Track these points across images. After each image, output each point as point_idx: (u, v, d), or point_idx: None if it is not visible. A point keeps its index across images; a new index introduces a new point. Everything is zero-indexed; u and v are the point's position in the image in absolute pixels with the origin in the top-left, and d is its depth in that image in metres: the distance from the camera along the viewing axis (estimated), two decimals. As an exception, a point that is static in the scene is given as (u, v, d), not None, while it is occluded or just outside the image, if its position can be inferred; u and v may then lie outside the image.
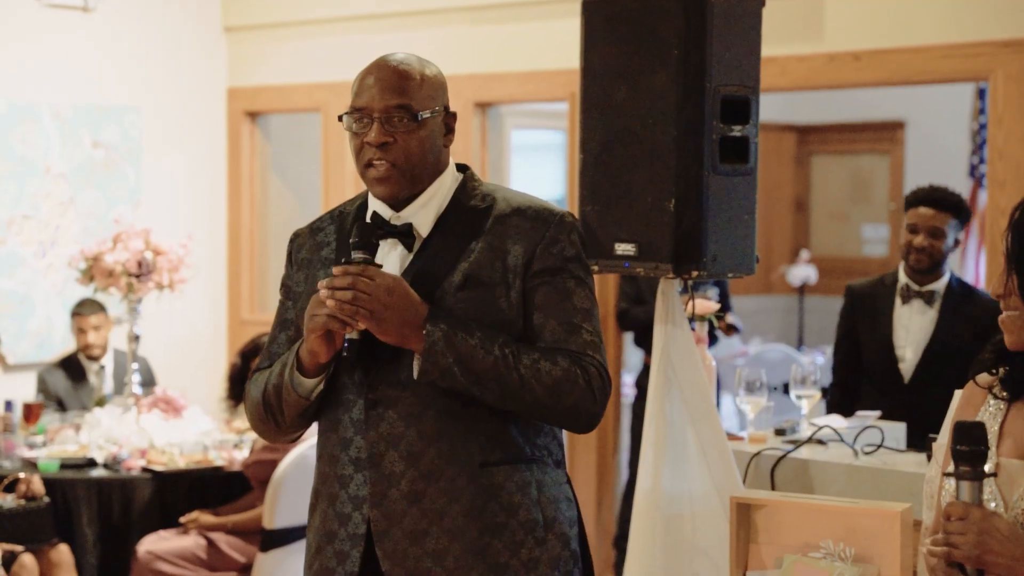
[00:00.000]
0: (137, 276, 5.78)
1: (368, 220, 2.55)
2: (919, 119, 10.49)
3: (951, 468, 2.19)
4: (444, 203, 2.57)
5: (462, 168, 2.64)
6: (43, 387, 6.42)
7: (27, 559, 5.11)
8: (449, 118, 2.59)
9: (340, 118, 2.55)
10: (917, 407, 4.28)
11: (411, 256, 2.54)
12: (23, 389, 6.69)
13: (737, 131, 3.45)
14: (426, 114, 2.51)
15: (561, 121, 7.49)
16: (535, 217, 2.53)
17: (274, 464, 5.10)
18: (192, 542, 5.24)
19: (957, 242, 4.79)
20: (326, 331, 2.42)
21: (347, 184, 7.62)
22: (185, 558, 5.21)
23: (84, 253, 5.86)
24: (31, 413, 5.85)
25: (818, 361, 8.79)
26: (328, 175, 7.69)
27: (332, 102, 7.62)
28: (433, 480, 2.47)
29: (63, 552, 5.22)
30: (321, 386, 2.52)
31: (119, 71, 7.57)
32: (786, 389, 8.60)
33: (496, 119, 7.29)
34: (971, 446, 2.16)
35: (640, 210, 3.43)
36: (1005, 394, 2.31)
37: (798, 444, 3.90)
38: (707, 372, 3.63)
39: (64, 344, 6.96)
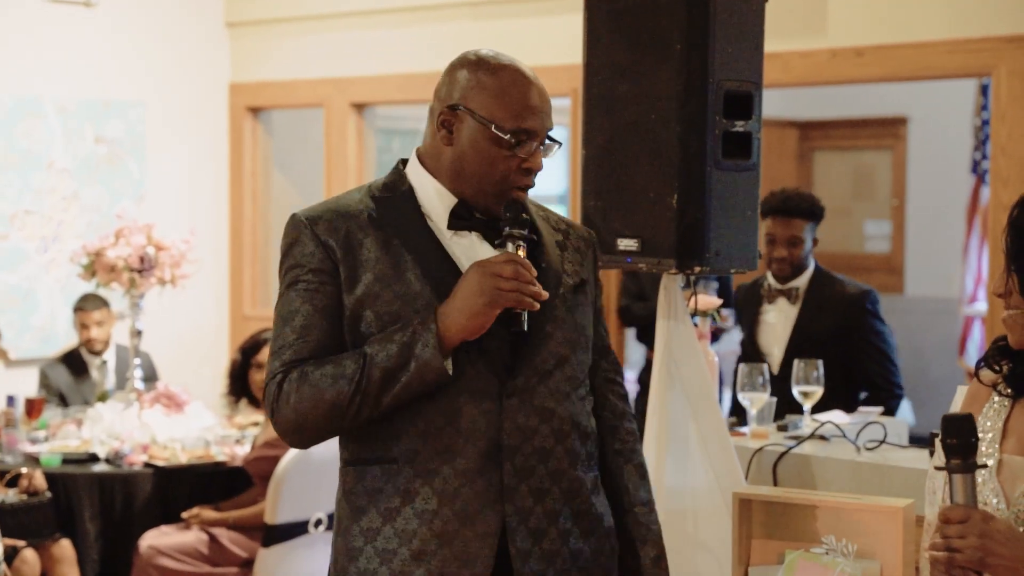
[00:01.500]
0: (139, 271, 5.78)
1: (451, 210, 2.47)
2: (922, 115, 10.48)
3: (942, 462, 2.19)
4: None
5: None
6: (45, 382, 6.42)
7: (29, 554, 5.11)
8: None
9: (501, 132, 2.42)
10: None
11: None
12: (25, 384, 6.70)
13: (740, 126, 3.44)
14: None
15: (563, 117, 7.49)
16: (583, 238, 2.63)
17: (276, 460, 5.10)
18: (194, 537, 5.24)
19: (815, 241, 4.96)
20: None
21: (349, 179, 7.62)
22: (187, 553, 5.21)
23: (86, 248, 5.86)
24: (33, 408, 5.85)
25: (820, 357, 8.77)
26: (330, 170, 7.69)
27: (334, 97, 7.62)
28: (556, 480, 2.44)
29: (65, 547, 5.22)
30: (450, 364, 2.36)
31: (122, 66, 7.57)
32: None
33: (498, 114, 7.28)
34: (960, 439, 2.16)
35: (643, 205, 3.43)
36: (1009, 391, 2.30)
37: (800, 440, 3.90)
38: (709, 368, 3.63)
39: (67, 339, 6.97)
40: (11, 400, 5.88)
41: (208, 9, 7.93)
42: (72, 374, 6.42)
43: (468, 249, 2.46)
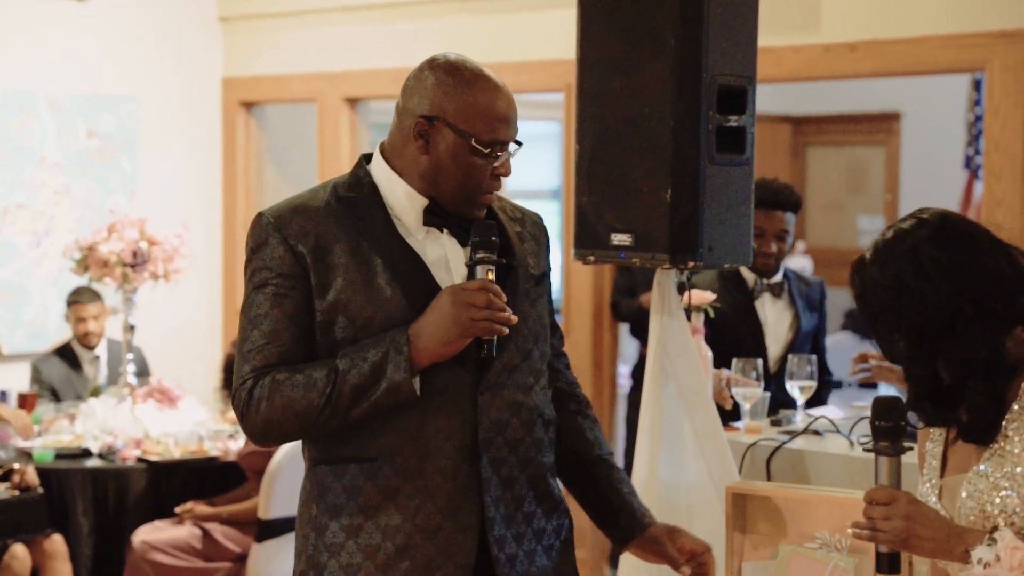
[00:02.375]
0: (132, 266, 5.77)
1: (424, 208, 2.50)
2: (915, 110, 10.49)
3: (871, 443, 2.26)
4: None
5: None
6: (37, 376, 6.40)
7: (19, 549, 5.10)
8: None
9: (480, 144, 2.45)
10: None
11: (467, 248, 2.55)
12: (17, 379, 6.68)
13: (733, 121, 3.44)
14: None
15: (557, 111, 7.49)
16: (536, 224, 2.69)
17: (269, 455, 5.10)
18: (187, 532, 5.24)
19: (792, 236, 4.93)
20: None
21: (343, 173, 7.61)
22: (180, 548, 5.20)
23: (79, 243, 5.85)
24: (26, 403, 5.84)
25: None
26: (323, 165, 7.68)
27: (327, 92, 7.61)
28: (524, 468, 2.53)
29: (57, 542, 5.21)
30: (417, 383, 2.42)
31: (115, 61, 7.55)
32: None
33: (491, 109, 7.28)
34: (890, 421, 2.22)
35: (636, 200, 3.42)
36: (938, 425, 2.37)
37: (794, 435, 3.90)
38: (703, 363, 3.63)
39: (59, 334, 6.95)
40: (3, 395, 5.88)
41: (201, 3, 7.92)
42: (64, 368, 6.40)
43: (438, 250, 2.50)
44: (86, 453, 5.49)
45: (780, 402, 4.31)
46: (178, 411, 5.82)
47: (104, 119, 7.46)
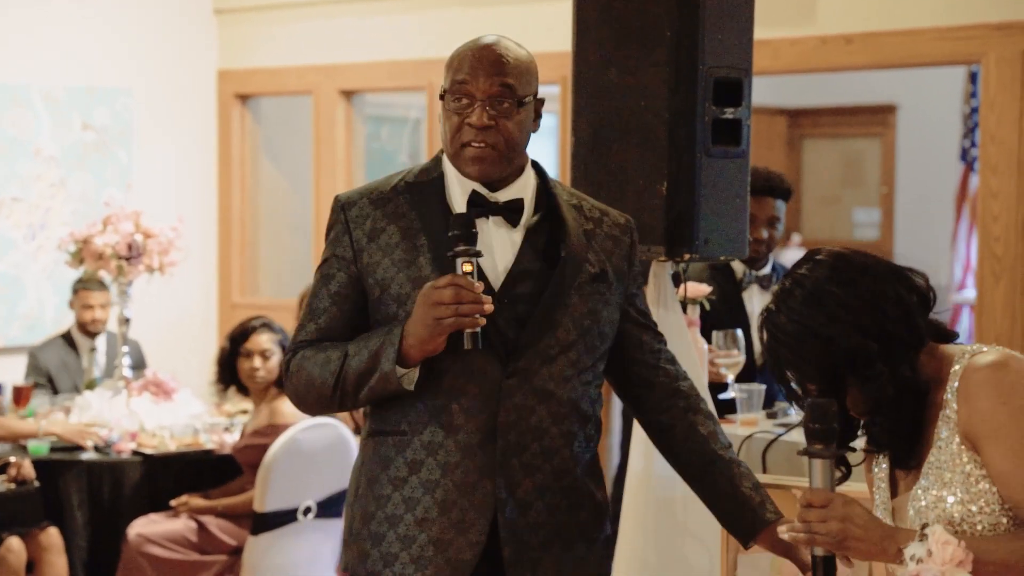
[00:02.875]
0: (127, 259, 5.76)
1: (468, 198, 2.56)
2: (911, 102, 10.49)
3: (804, 447, 2.27)
4: (533, 189, 2.62)
5: (532, 161, 2.69)
6: (34, 363, 6.39)
7: (14, 542, 5.09)
8: (539, 104, 2.63)
9: (441, 96, 2.55)
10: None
11: (520, 234, 2.57)
12: (13, 372, 6.67)
13: (729, 113, 3.44)
14: (528, 99, 2.55)
15: (553, 104, 7.47)
16: (617, 224, 2.69)
17: (264, 448, 5.09)
18: (182, 525, 5.23)
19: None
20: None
21: (338, 166, 7.60)
22: (175, 541, 5.20)
23: (74, 236, 5.84)
24: (21, 396, 5.83)
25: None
26: (319, 158, 7.67)
27: (323, 85, 7.60)
28: (548, 458, 2.54)
29: (53, 535, 5.21)
30: (416, 375, 2.49)
31: (110, 53, 7.54)
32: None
33: (487, 102, 7.27)
34: (823, 424, 2.23)
35: (632, 193, 3.42)
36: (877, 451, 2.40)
37: (789, 427, 3.90)
38: (698, 355, 3.63)
39: (54, 327, 6.94)
40: (-1, 388, 5.87)
41: (196, -4, 7.91)
42: (62, 356, 6.40)
43: (482, 236, 2.53)
44: (81, 446, 5.48)
45: (773, 393, 4.31)
46: (173, 404, 5.81)
47: (99, 112, 7.45)
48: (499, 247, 2.56)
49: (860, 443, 2.43)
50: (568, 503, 2.58)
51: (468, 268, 2.43)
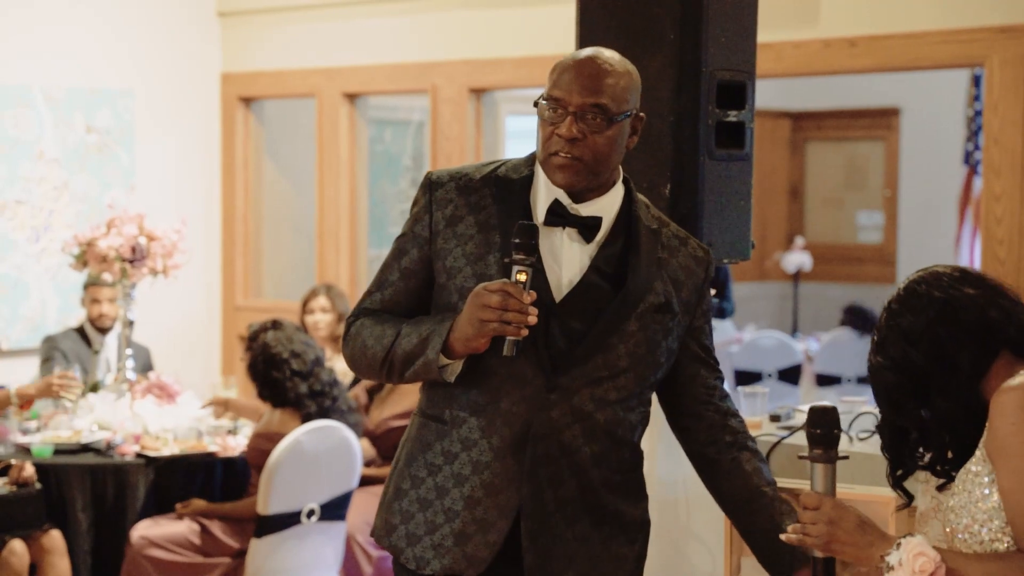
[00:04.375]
0: (131, 261, 5.76)
1: (548, 206, 2.56)
2: (914, 105, 10.49)
3: (806, 452, 2.34)
4: (617, 207, 2.61)
5: (623, 178, 2.68)
6: (52, 345, 6.39)
7: (17, 545, 5.09)
8: (637, 121, 2.62)
9: (536, 104, 2.57)
10: None
11: (592, 250, 2.57)
12: (16, 374, 6.68)
13: (733, 116, 3.44)
14: (620, 117, 2.55)
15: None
16: (695, 255, 2.68)
17: (268, 453, 5.09)
18: (186, 527, 5.23)
19: None
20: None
21: (341, 168, 7.60)
22: (179, 543, 5.20)
23: (78, 238, 5.84)
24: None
25: (812, 348, 8.79)
26: (322, 160, 7.67)
27: (326, 87, 7.60)
28: (576, 474, 2.56)
29: (55, 538, 5.21)
30: (459, 367, 2.54)
31: (113, 55, 7.54)
32: (781, 375, 8.65)
33: (491, 105, 7.28)
34: (824, 429, 2.30)
35: (635, 195, 3.42)
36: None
37: (793, 430, 3.89)
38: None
39: (58, 329, 6.94)
40: (1, 390, 5.86)
41: (199, -2, 7.91)
42: (77, 344, 6.42)
43: (554, 244, 2.57)
44: (85, 448, 5.48)
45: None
46: (177, 407, 5.82)
47: (102, 113, 7.45)
48: (568, 259, 2.57)
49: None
50: (591, 520, 2.59)
51: (522, 277, 2.44)
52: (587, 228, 2.57)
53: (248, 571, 5.12)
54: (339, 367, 5.91)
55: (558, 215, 2.56)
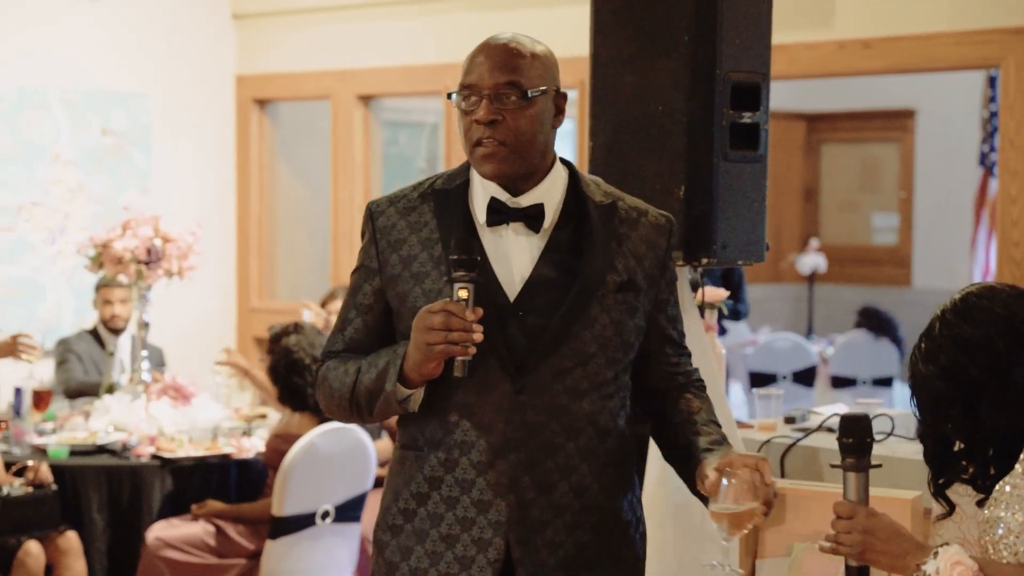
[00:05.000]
0: (146, 263, 5.78)
1: (487, 204, 2.50)
2: (929, 107, 10.46)
3: (839, 460, 2.32)
4: (561, 191, 2.54)
5: (563, 161, 2.60)
6: (66, 347, 6.41)
7: (33, 546, 5.11)
8: (559, 98, 2.55)
9: (449, 96, 2.51)
10: None
11: (542, 240, 2.50)
12: (32, 376, 6.69)
13: (747, 118, 3.43)
14: (536, 92, 2.47)
15: (570, 109, 7.47)
16: (657, 224, 2.60)
17: (285, 454, 5.10)
18: (201, 529, 5.24)
19: None
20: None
21: (356, 171, 7.61)
22: (194, 545, 5.21)
23: (93, 240, 5.86)
24: (41, 400, 5.85)
25: (827, 350, 8.78)
26: (337, 162, 7.68)
27: (340, 89, 7.61)
28: (566, 475, 2.47)
29: (71, 539, 5.22)
30: (421, 395, 2.46)
31: (128, 57, 7.57)
32: (795, 377, 8.64)
33: (505, 106, 7.27)
34: (856, 438, 2.28)
35: (650, 197, 3.40)
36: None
37: (808, 432, 3.89)
38: (716, 360, 3.62)
39: (73, 331, 6.96)
40: (18, 392, 5.88)
41: (215, 1, 7.93)
42: (90, 346, 6.45)
43: (500, 244, 2.50)
44: (100, 450, 5.50)
45: None
46: (192, 408, 5.83)
47: (118, 116, 7.48)
48: (517, 256, 2.50)
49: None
50: (591, 523, 2.51)
51: (463, 294, 2.36)
52: (531, 219, 2.49)
53: (263, 572, 5.13)
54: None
55: (498, 212, 2.49)
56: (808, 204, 11.34)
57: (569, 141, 7.41)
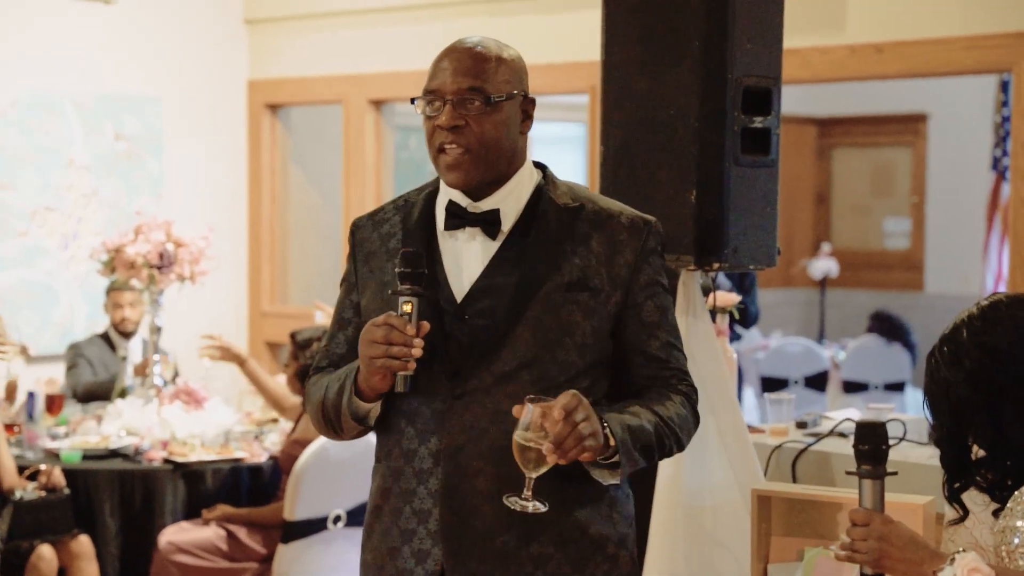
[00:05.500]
0: (159, 268, 5.80)
1: (445, 208, 2.45)
2: (942, 111, 10.45)
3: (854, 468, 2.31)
4: (526, 196, 2.47)
5: (539, 166, 2.55)
6: (77, 352, 6.43)
7: (46, 550, 5.13)
8: (527, 104, 2.50)
9: (412, 101, 2.47)
10: None
11: (496, 245, 2.44)
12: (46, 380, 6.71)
13: (759, 122, 3.43)
14: (500, 97, 2.43)
15: (581, 114, 7.48)
16: (631, 226, 2.47)
17: (296, 457, 5.11)
18: (213, 533, 5.25)
19: None
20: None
21: (367, 175, 7.62)
22: (206, 549, 5.22)
23: (106, 245, 5.88)
24: (54, 404, 5.87)
25: (839, 355, 8.77)
26: (348, 167, 7.70)
27: (352, 94, 7.63)
28: (508, 483, 2.33)
29: (83, 543, 5.24)
30: (378, 410, 2.43)
31: (141, 62, 7.59)
32: (807, 382, 8.63)
33: (516, 111, 7.28)
34: (871, 445, 2.28)
35: (661, 202, 3.42)
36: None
37: (819, 437, 3.89)
38: (728, 365, 3.62)
39: (86, 335, 6.98)
40: (31, 396, 5.90)
41: (227, 6, 7.95)
42: (101, 350, 6.47)
43: (456, 247, 2.46)
44: (113, 454, 5.51)
45: None
46: (204, 413, 5.84)
47: (131, 121, 7.50)
48: (469, 261, 2.44)
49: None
50: (547, 536, 2.38)
51: (407, 308, 2.33)
52: (488, 224, 2.42)
53: (275, 576, 5.14)
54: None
55: (456, 216, 2.44)
56: (820, 209, 11.32)
57: (580, 146, 7.42)
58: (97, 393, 6.23)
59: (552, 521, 2.37)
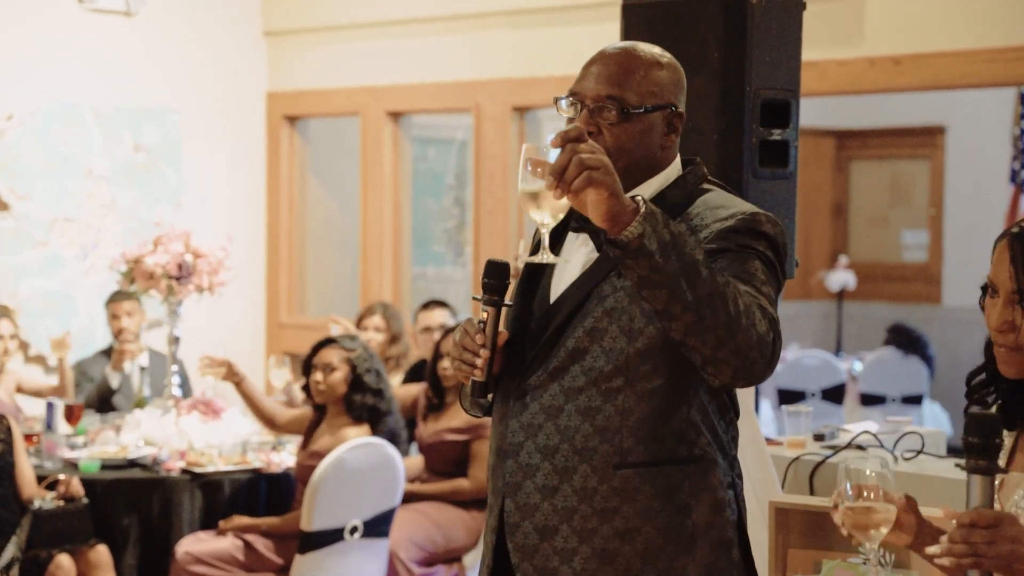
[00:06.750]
0: (177, 279, 5.81)
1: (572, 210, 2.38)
2: (960, 124, 10.42)
3: (964, 462, 2.11)
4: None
5: (690, 162, 2.49)
6: (81, 371, 6.46)
7: (64, 559, 5.14)
8: (674, 117, 2.44)
9: (556, 100, 2.43)
10: None
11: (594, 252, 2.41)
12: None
13: (777, 135, 3.44)
14: (639, 109, 2.38)
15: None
16: (725, 212, 2.38)
17: (313, 469, 5.12)
18: (229, 543, 5.26)
19: None
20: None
21: (385, 187, 7.64)
22: (223, 559, 5.23)
23: (125, 255, 5.90)
24: (73, 414, 5.89)
25: (856, 367, 8.75)
26: (366, 178, 7.71)
27: (371, 105, 7.65)
28: (566, 477, 2.37)
29: (102, 553, 5.25)
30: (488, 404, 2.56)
31: (160, 74, 7.62)
32: (824, 395, 8.60)
33: (534, 123, 7.29)
34: (982, 439, 2.06)
35: (679, 214, 3.42)
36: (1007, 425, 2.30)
37: (837, 449, 3.88)
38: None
39: (105, 346, 7.01)
40: (50, 406, 5.93)
41: (246, 18, 7.98)
42: (104, 371, 6.48)
43: (567, 254, 2.45)
44: (131, 464, 5.53)
45: None
46: (222, 423, 5.85)
47: (150, 131, 7.53)
48: (573, 264, 2.44)
49: None
50: (611, 528, 2.36)
51: (484, 316, 2.39)
52: (595, 231, 2.33)
53: (291, 587, 5.15)
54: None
55: (581, 219, 2.36)
56: (837, 221, 11.30)
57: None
58: (99, 399, 6.28)
59: (611, 514, 2.37)
